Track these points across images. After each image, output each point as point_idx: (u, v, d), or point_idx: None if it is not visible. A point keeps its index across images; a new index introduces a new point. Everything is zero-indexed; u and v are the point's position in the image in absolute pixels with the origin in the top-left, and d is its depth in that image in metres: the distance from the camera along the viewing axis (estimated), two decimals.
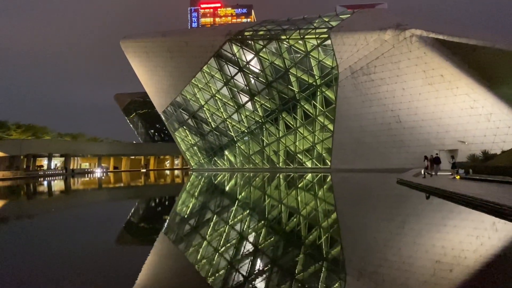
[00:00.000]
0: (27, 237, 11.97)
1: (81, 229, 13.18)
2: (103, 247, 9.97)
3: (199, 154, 68.91)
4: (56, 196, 30.59)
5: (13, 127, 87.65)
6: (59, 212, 19.42)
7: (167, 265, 8.37)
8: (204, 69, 57.15)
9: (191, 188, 32.19)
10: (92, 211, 19.42)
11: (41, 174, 74.37)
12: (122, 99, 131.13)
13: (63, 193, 34.15)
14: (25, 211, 19.92)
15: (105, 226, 14.08)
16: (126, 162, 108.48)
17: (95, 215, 17.92)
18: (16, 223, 15.83)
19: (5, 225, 15.13)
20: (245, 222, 13.71)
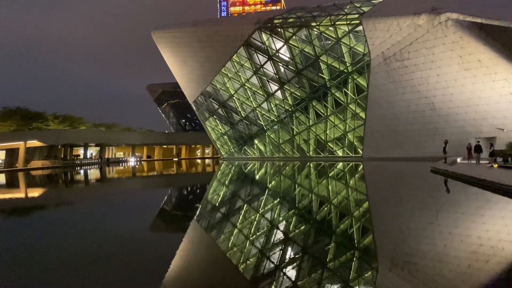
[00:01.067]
0: (70, 222, 12.48)
1: (117, 216, 13.60)
2: (137, 234, 10.25)
3: (229, 143, 69.39)
4: (93, 184, 31.66)
5: (51, 118, 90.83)
6: (96, 199, 20.10)
7: (199, 253, 8.54)
8: (234, 58, 57.18)
9: (222, 177, 32.53)
10: (127, 199, 19.99)
11: (77, 163, 77.01)
12: (154, 89, 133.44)
13: (99, 181, 35.27)
14: (66, 198, 20.72)
15: (140, 213, 14.46)
16: (158, 151, 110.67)
17: (130, 202, 18.43)
18: (59, 209, 16.52)
19: (52, 211, 15.82)
20: (275, 210, 13.76)
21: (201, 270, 7.15)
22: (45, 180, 36.34)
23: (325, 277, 6.54)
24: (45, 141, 71.04)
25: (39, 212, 16.18)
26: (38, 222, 13.37)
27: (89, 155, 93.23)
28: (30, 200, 20.37)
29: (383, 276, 6.45)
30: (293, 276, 6.65)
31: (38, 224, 12.67)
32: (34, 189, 27.34)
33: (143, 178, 38.10)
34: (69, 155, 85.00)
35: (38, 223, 13.08)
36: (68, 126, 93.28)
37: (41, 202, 19.67)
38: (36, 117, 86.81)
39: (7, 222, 13.67)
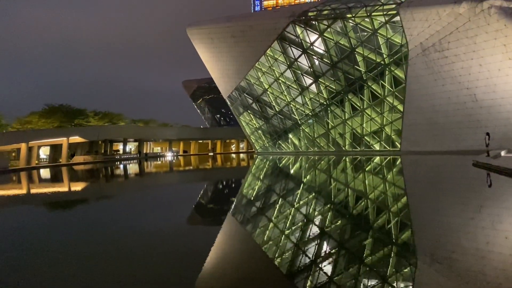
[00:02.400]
0: (111, 215, 12.94)
1: (155, 209, 13.96)
2: (174, 227, 10.49)
3: (263, 137, 69.51)
4: (132, 178, 32.62)
5: (91, 114, 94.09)
6: (135, 193, 20.71)
7: (235, 246, 8.64)
8: (268, 52, 57.09)
9: (257, 171, 32.67)
10: (165, 192, 20.47)
11: (117, 158, 79.41)
12: (189, 85, 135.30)
13: (138, 175, 36.28)
14: (108, 192, 21.48)
15: (177, 206, 14.78)
16: (194, 146, 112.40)
17: (168, 196, 18.87)
18: (100, 203, 17.16)
19: (95, 204, 16.47)
20: (310, 205, 13.70)
21: (236, 264, 7.23)
22: (87, 175, 37.76)
23: (362, 272, 6.47)
24: (87, 137, 73.65)
25: (84, 205, 16.87)
26: (83, 215, 13.94)
27: (128, 150, 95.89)
28: (76, 193, 21.25)
29: (423, 273, 6.31)
30: (329, 271, 6.62)
31: (83, 217, 13.21)
32: (78, 183, 28.50)
33: (180, 172, 38.84)
34: (109, 150, 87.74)
35: (83, 216, 13.64)
36: (108, 122, 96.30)
37: (85, 195, 20.48)
38: (78, 114, 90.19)
39: (55, 215, 14.34)
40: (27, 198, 19.96)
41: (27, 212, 15.12)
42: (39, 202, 18.16)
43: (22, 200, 19.21)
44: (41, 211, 15.71)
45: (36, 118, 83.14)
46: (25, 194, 21.77)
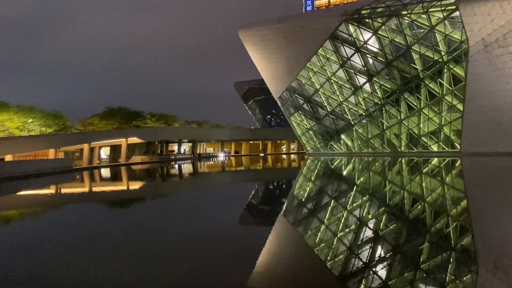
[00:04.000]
0: (168, 212, 13.41)
1: (208, 208, 14.27)
2: (226, 226, 10.67)
3: (314, 138, 68.81)
4: (187, 178, 33.57)
5: (148, 116, 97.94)
6: (190, 192, 21.28)
7: (286, 248, 8.63)
8: (319, 52, 56.46)
9: (308, 172, 32.43)
10: (217, 192, 20.88)
11: (172, 158, 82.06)
12: (241, 87, 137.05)
13: (193, 175, 37.27)
14: (165, 190, 22.27)
15: (229, 206, 15.01)
16: (245, 146, 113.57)
17: (220, 195, 19.22)
18: (157, 201, 17.84)
19: (154, 202, 17.16)
20: (364, 207, 13.39)
21: (287, 265, 7.23)
22: (145, 174, 39.34)
23: (417, 279, 6.24)
24: (144, 137, 76.68)
25: (142, 203, 17.61)
26: (142, 213, 14.56)
27: (183, 150, 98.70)
28: (135, 192, 22.22)
29: (484, 280, 5.97)
30: (383, 275, 6.44)
31: (142, 215, 13.80)
32: (137, 182, 29.78)
33: (232, 173, 39.42)
34: (165, 151, 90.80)
35: (142, 214, 14.24)
36: (164, 123, 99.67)
37: (143, 194, 21.36)
38: (136, 115, 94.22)
39: (115, 212, 15.08)
40: (90, 196, 21.15)
41: (90, 209, 16.02)
42: (101, 200, 19.18)
43: (85, 197, 20.39)
44: (103, 208, 16.59)
45: (97, 120, 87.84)
46: (87, 192, 23.08)
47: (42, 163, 42.11)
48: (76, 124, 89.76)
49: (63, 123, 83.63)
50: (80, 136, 68.43)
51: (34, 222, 13.29)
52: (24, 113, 73.75)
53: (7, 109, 70.80)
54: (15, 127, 71.09)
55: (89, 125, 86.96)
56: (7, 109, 70.99)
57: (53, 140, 59.52)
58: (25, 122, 73.68)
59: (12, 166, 35.99)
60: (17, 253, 8.33)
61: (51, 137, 63.05)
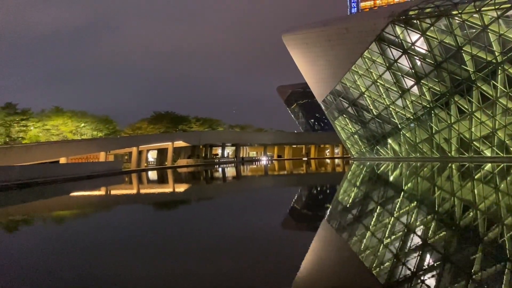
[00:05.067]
0: (212, 214, 13.60)
1: (251, 211, 14.31)
2: (269, 230, 10.64)
3: (360, 142, 67.44)
4: (231, 181, 33.92)
5: (193, 120, 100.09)
6: (234, 195, 21.47)
7: (330, 253, 8.47)
8: (365, 54, 55.37)
9: (353, 177, 31.81)
10: (261, 195, 20.92)
11: (216, 162, 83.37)
12: (283, 90, 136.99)
13: (236, 178, 37.61)
14: (211, 193, 22.62)
15: (272, 210, 14.98)
16: (288, 150, 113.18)
17: (263, 199, 19.24)
18: (204, 203, 18.14)
19: (199, 204, 17.49)
20: (411, 214, 12.92)
21: (331, 272, 7.09)
22: (190, 177, 40.16)
23: None
24: (189, 141, 78.38)
25: (188, 205, 17.98)
26: (188, 214, 14.85)
27: (226, 154, 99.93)
28: (181, 194, 22.73)
29: None
30: (432, 285, 6.16)
31: (188, 217, 14.07)
32: (183, 185, 30.44)
33: (275, 177, 39.40)
34: (209, 154, 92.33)
35: (188, 215, 14.52)
36: (208, 127, 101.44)
37: (189, 196, 21.81)
38: (181, 120, 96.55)
39: (163, 214, 15.48)
40: (139, 197, 21.86)
41: (139, 210, 16.53)
42: (149, 202, 19.77)
43: (134, 199, 21.09)
44: (151, 209, 17.09)
45: (145, 124, 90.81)
46: (136, 194, 23.87)
47: (94, 166, 44.03)
48: (125, 128, 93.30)
49: (113, 127, 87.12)
50: (129, 139, 70.97)
51: (86, 222, 13.89)
52: (77, 117, 77.56)
53: (61, 114, 74.81)
54: (68, 131, 74.92)
55: (137, 129, 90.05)
56: (62, 114, 75.01)
57: (103, 143, 62.13)
58: (78, 126, 77.42)
59: (65, 168, 37.88)
60: (70, 251, 8.72)
61: (102, 141, 65.86)
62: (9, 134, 66.29)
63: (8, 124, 65.43)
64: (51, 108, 77.03)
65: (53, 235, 11.16)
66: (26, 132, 69.11)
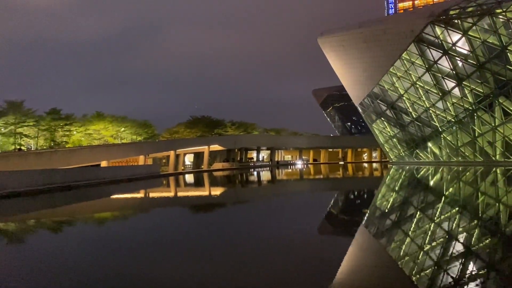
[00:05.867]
0: (248, 218, 13.69)
1: (286, 215, 14.26)
2: (304, 234, 10.56)
3: (398, 146, 65.85)
4: (267, 185, 33.97)
5: (228, 124, 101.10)
6: (271, 199, 21.49)
7: (367, 259, 8.31)
8: (403, 56, 54.09)
9: (391, 182, 31.08)
10: (296, 199, 20.82)
11: (251, 165, 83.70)
12: (319, 94, 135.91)
13: (272, 182, 37.62)
14: (246, 196, 22.77)
15: (308, 214, 14.87)
16: (324, 154, 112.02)
17: (298, 203, 19.14)
18: (240, 206, 18.30)
19: (235, 207, 17.68)
20: (453, 220, 12.47)
21: (369, 278, 6.95)
22: (226, 180, 40.55)
23: None
24: (224, 145, 79.17)
25: (224, 208, 18.18)
26: (224, 217, 15.01)
27: (261, 158, 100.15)
28: (217, 197, 23.01)
29: None
30: None
31: (224, 220, 14.22)
32: (219, 188, 30.79)
33: (311, 181, 39.09)
34: (244, 158, 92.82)
35: (224, 218, 14.68)
36: (243, 131, 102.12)
37: (225, 200, 22.03)
38: (217, 124, 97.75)
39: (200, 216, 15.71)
40: (177, 200, 22.30)
41: (177, 213, 16.86)
42: (187, 204, 20.12)
43: (172, 202, 21.53)
44: (189, 212, 17.39)
45: (182, 128, 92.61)
46: (174, 197, 24.36)
47: (133, 169, 45.30)
48: (163, 132, 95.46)
49: (151, 132, 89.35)
50: (166, 143, 72.54)
51: (127, 223, 14.31)
52: (117, 122, 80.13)
53: (103, 119, 77.54)
54: (109, 135, 77.52)
55: (175, 133, 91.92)
56: (103, 118, 77.74)
57: (142, 147, 63.81)
58: (118, 130, 79.97)
59: (107, 171, 39.18)
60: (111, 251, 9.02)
61: (141, 145, 67.69)
62: (53, 139, 69.39)
63: (53, 129, 68.49)
64: (93, 114, 80.00)
65: (99, 236, 11.57)
66: (70, 136, 72.11)
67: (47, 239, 11.35)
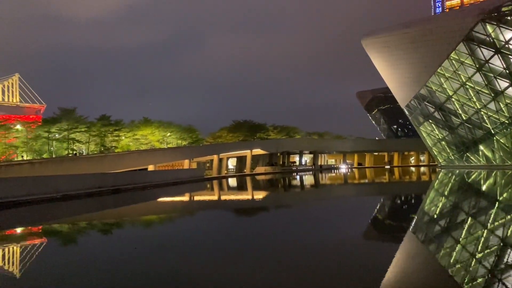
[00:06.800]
0: (291, 222, 13.68)
1: (333, 220, 14.11)
2: (350, 240, 10.40)
3: (447, 149, 63.33)
4: (310, 189, 33.75)
5: (270, 128, 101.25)
6: (314, 203, 21.33)
7: (416, 266, 8.06)
8: (452, 56, 52.08)
9: (440, 186, 29.93)
10: (340, 204, 20.55)
11: (294, 169, 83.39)
12: (363, 96, 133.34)
13: (315, 187, 37.30)
14: (289, 200, 22.74)
15: (353, 219, 14.63)
16: (369, 158, 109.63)
17: (343, 207, 18.87)
18: (282, 210, 18.32)
19: (278, 211, 17.71)
20: (509, 227, 11.82)
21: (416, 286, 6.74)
22: (269, 184, 40.66)
23: None
24: (267, 149, 79.38)
25: (266, 212, 18.24)
26: (266, 221, 15.07)
27: (304, 162, 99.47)
28: (260, 201, 23.13)
29: None
30: None
31: (266, 223, 14.27)
32: (263, 192, 30.93)
33: (355, 185, 38.40)
34: (286, 162, 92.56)
35: (266, 222, 14.74)
36: (285, 135, 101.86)
37: (267, 203, 22.11)
38: (259, 128, 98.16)
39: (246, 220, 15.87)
40: (222, 203, 22.64)
41: (223, 216, 17.12)
42: (231, 208, 20.39)
43: (218, 205, 21.88)
44: (233, 215, 17.61)
45: (225, 132, 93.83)
46: (219, 200, 24.74)
47: (178, 173, 46.43)
48: (206, 137, 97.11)
49: (195, 136, 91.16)
50: (210, 148, 73.79)
51: (174, 225, 14.71)
52: (163, 127, 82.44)
53: (150, 124, 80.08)
54: (156, 140, 79.88)
55: (218, 138, 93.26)
56: (150, 124, 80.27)
57: (187, 151, 65.28)
58: (164, 135, 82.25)
59: (153, 175, 40.39)
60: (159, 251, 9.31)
61: (186, 149, 69.25)
62: (103, 144, 72.43)
63: (103, 135, 71.54)
64: (140, 119, 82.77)
65: (153, 236, 11.98)
66: (119, 141, 75.00)
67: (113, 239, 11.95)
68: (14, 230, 14.11)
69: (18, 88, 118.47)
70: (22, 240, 12.24)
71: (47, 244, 11.28)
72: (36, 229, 14.22)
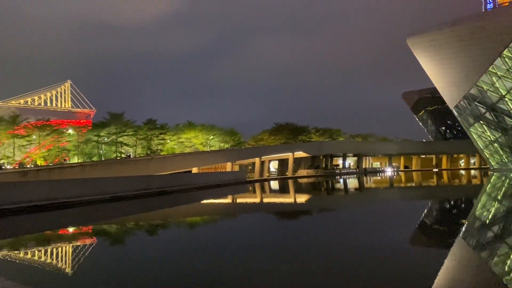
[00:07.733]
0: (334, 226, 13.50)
1: (376, 225, 13.79)
2: (396, 245, 10.11)
3: (501, 152, 60.13)
4: (354, 193, 33.16)
5: (313, 131, 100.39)
6: (359, 207, 20.95)
7: (466, 273, 7.71)
8: (505, 53, 49.50)
9: (493, 191, 28.47)
10: (386, 209, 20.04)
11: (337, 172, 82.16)
12: (410, 97, 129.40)
13: (359, 190, 36.62)
14: (332, 204, 22.47)
15: (400, 224, 14.24)
16: (416, 161, 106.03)
17: (389, 212, 18.39)
18: (325, 214, 18.13)
19: (320, 215, 17.55)
20: None
21: None
22: (312, 187, 40.35)
23: None
24: (309, 152, 78.70)
25: (309, 216, 18.12)
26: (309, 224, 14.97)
27: (347, 165, 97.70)
28: (301, 205, 23.01)
29: None
30: None
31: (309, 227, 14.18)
32: (305, 195, 30.75)
33: (401, 189, 37.32)
34: (329, 165, 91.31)
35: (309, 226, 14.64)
36: (328, 138, 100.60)
37: (310, 207, 21.94)
38: (301, 131, 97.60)
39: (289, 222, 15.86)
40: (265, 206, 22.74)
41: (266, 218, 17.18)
42: (274, 210, 20.43)
43: (261, 207, 21.99)
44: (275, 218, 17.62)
45: (266, 135, 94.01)
46: (260, 203, 24.85)
47: (221, 175, 46.99)
48: (248, 140, 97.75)
49: (238, 139, 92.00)
50: (252, 150, 74.15)
51: (218, 227, 14.92)
52: (206, 131, 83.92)
53: (193, 128, 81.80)
54: (199, 143, 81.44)
55: (260, 140, 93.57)
56: (193, 127, 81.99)
57: (230, 154, 65.93)
58: (207, 138, 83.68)
59: (197, 177, 41.12)
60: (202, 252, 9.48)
61: (228, 152, 70.00)
62: (150, 147, 74.73)
63: (149, 138, 73.86)
64: (184, 123, 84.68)
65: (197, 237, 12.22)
66: (164, 144, 77.11)
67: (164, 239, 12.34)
68: (67, 229, 14.85)
69: (69, 94, 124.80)
70: (75, 239, 12.89)
71: (98, 243, 11.81)
72: (86, 228, 14.90)
